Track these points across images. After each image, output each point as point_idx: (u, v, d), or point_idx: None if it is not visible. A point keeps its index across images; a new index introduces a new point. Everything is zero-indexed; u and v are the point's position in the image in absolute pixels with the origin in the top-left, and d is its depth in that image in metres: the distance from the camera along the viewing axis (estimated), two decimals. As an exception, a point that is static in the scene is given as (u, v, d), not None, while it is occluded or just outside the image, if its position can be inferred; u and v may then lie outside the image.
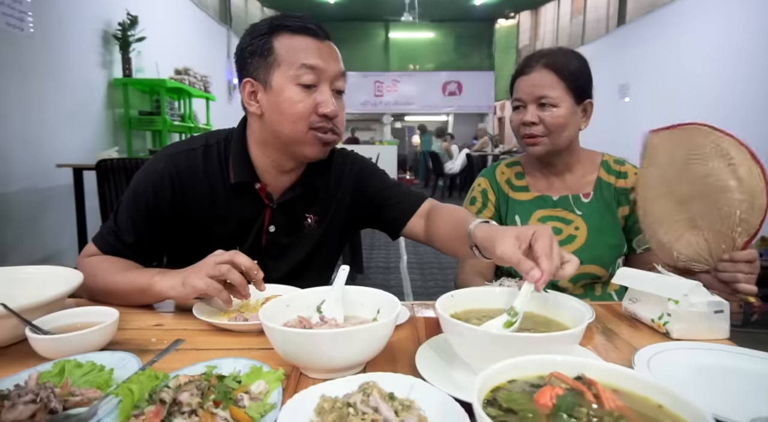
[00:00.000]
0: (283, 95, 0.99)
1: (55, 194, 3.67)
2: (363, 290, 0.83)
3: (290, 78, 0.98)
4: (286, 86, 0.98)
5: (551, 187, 1.35)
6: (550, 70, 1.21)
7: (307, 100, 0.99)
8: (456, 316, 0.71)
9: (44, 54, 3.59)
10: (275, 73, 0.99)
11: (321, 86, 1.00)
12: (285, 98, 0.98)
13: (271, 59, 0.99)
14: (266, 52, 0.99)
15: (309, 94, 0.99)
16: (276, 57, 0.99)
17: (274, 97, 1.00)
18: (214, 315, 0.91)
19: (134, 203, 1.06)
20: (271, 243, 1.12)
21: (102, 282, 0.98)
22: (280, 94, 0.99)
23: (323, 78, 1.00)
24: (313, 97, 0.99)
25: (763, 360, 0.72)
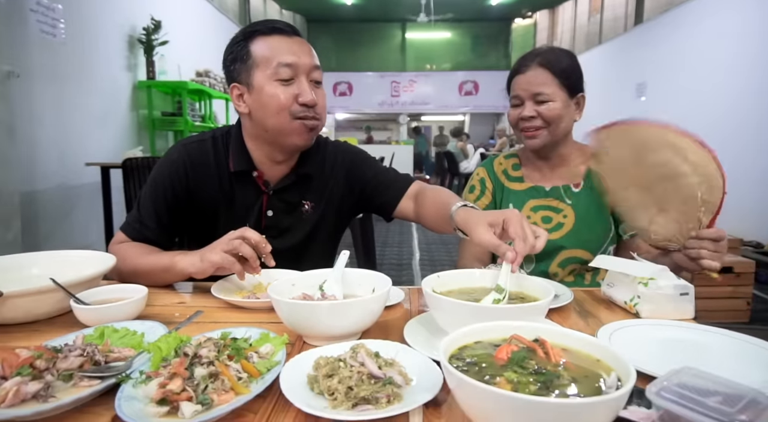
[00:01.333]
0: (264, 92, 1.11)
1: (84, 192, 3.86)
2: (361, 272, 0.93)
3: (269, 76, 1.11)
4: (267, 84, 1.11)
5: (544, 178, 1.43)
6: (545, 68, 1.30)
7: (286, 93, 1.11)
8: (444, 293, 0.81)
9: (75, 59, 3.79)
10: (255, 74, 1.11)
11: (298, 79, 1.12)
12: (266, 94, 1.11)
13: (250, 63, 1.12)
14: (245, 56, 1.12)
15: (288, 87, 1.11)
16: (254, 60, 1.11)
17: (257, 96, 1.13)
18: (230, 294, 1.03)
19: (154, 190, 1.19)
20: (270, 226, 1.24)
21: (131, 265, 1.11)
22: (262, 92, 1.12)
23: (299, 72, 1.12)
24: (291, 89, 1.11)
25: (718, 335, 0.80)
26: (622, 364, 0.53)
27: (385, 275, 0.90)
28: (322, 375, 0.61)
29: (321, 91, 1.17)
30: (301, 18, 12.97)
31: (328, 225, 1.32)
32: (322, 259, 1.34)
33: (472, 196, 1.48)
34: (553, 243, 1.34)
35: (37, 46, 3.36)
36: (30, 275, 1.00)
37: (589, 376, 0.54)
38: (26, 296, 0.84)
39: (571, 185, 1.40)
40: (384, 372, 0.62)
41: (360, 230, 3.89)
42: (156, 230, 1.19)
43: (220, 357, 0.64)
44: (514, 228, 0.84)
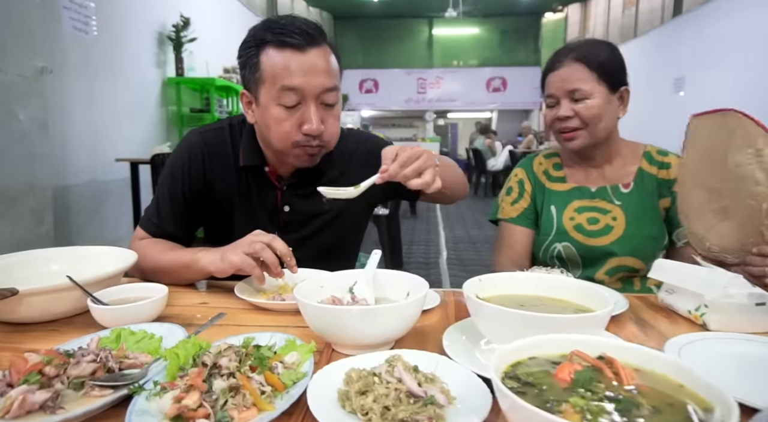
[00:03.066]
0: (268, 113, 1.03)
1: (113, 187, 3.92)
2: (393, 273, 0.86)
3: (273, 98, 1.01)
4: (270, 105, 1.02)
5: (589, 178, 1.33)
6: (580, 62, 1.20)
7: (290, 120, 1.02)
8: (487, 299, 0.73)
9: (106, 55, 3.84)
10: (261, 89, 1.03)
11: (305, 103, 1.01)
12: (270, 116, 1.03)
13: (257, 76, 1.02)
14: (253, 67, 1.03)
15: (292, 113, 1.01)
16: (261, 74, 1.01)
17: (262, 113, 1.05)
18: (254, 295, 0.97)
19: (171, 181, 1.14)
20: (289, 222, 1.18)
21: (151, 262, 1.06)
22: (266, 112, 1.04)
23: (307, 96, 1.00)
24: (296, 116, 1.02)
25: (805, 354, 0.69)
26: (717, 394, 0.44)
27: (420, 278, 0.82)
28: (355, 392, 0.54)
29: (333, 114, 1.07)
30: (327, 15, 12.97)
31: (350, 215, 1.26)
32: (344, 252, 1.29)
33: (510, 198, 1.39)
34: (601, 249, 1.24)
35: (70, 42, 3.41)
36: (49, 271, 0.96)
37: (674, 405, 0.45)
38: (43, 294, 0.80)
39: (619, 185, 1.29)
40: (424, 389, 0.54)
41: (387, 228, 3.83)
42: (175, 225, 1.15)
43: (241, 368, 0.58)
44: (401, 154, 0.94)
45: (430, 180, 0.94)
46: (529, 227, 1.36)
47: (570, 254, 1.28)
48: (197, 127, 1.21)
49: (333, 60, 1.05)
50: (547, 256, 1.32)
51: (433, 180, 0.95)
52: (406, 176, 0.93)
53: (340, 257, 1.26)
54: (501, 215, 1.40)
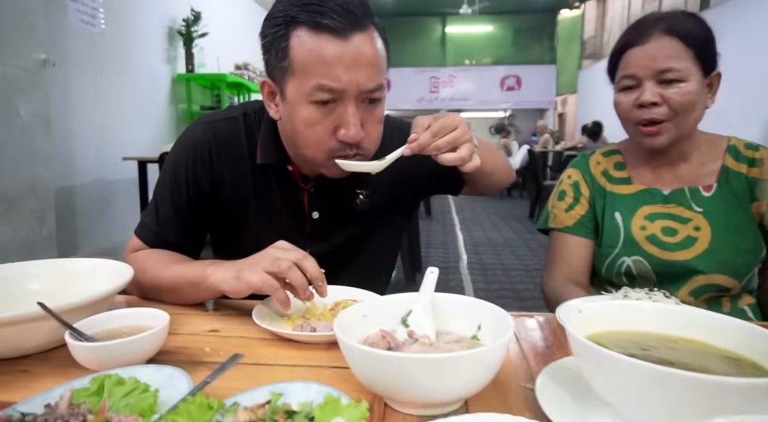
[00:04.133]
0: (296, 113, 0.83)
1: (121, 187, 3.77)
2: (458, 299, 0.67)
3: (304, 95, 0.81)
4: (299, 103, 0.82)
5: (660, 179, 1.13)
6: (674, 36, 0.99)
7: (324, 123, 0.82)
8: (593, 339, 0.54)
9: (114, 50, 3.69)
10: (290, 82, 0.82)
11: (343, 102, 0.81)
12: (299, 117, 0.83)
13: (285, 64, 0.81)
14: (281, 52, 0.81)
15: (327, 113, 0.82)
16: (291, 62, 0.80)
17: (289, 111, 0.85)
18: (277, 321, 0.79)
19: (174, 176, 0.96)
20: (318, 230, 1.00)
21: (151, 277, 0.89)
22: (295, 111, 0.83)
23: (347, 95, 0.80)
24: (332, 117, 0.82)
25: None
26: None
27: (492, 305, 0.64)
28: None
29: (376, 114, 0.87)
30: (339, 13, 12.76)
31: (388, 217, 1.08)
32: (379, 267, 1.12)
33: (563, 204, 1.19)
34: (683, 265, 1.04)
35: (76, 35, 3.26)
36: (26, 291, 0.78)
37: None
38: (11, 325, 0.63)
39: (699, 188, 1.08)
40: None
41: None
42: (178, 232, 0.96)
43: (270, 454, 0.39)
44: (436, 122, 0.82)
45: (467, 155, 0.81)
46: (587, 237, 1.16)
47: (642, 271, 1.08)
48: (204, 115, 1.02)
49: (381, 47, 0.84)
50: (612, 272, 1.12)
51: (470, 157, 0.81)
52: (439, 147, 0.80)
53: (374, 272, 1.08)
54: (553, 224, 1.20)
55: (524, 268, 4.11)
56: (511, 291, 3.46)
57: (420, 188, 1.11)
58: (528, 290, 3.50)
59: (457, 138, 0.80)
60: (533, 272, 3.98)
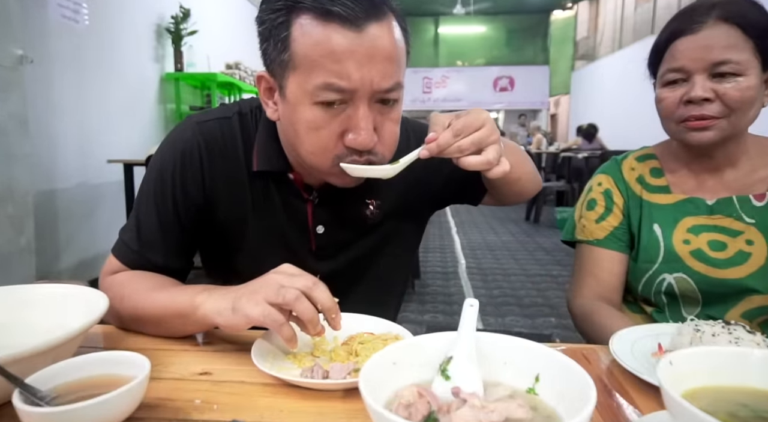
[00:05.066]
0: (298, 114, 0.71)
1: (106, 191, 3.61)
2: (507, 341, 0.54)
3: (307, 94, 0.69)
4: (301, 103, 0.70)
5: (703, 186, 1.01)
6: (732, 24, 0.87)
7: (330, 126, 0.70)
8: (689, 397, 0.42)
9: (98, 47, 3.54)
10: (290, 78, 0.70)
11: (353, 102, 0.69)
12: (300, 118, 0.71)
13: (286, 57, 0.69)
14: (281, 43, 0.69)
15: (334, 115, 0.70)
16: (292, 55, 0.68)
17: (289, 111, 0.72)
18: (281, 361, 0.66)
19: (159, 185, 0.82)
20: (324, 246, 0.88)
21: (131, 306, 0.75)
22: (296, 112, 0.71)
23: (358, 94, 0.68)
24: (339, 119, 0.70)
25: None
26: None
27: (550, 350, 0.51)
28: None
29: (392, 116, 0.74)
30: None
31: (401, 230, 0.95)
32: (391, 289, 1.00)
33: (593, 214, 1.07)
34: (735, 284, 0.92)
35: (57, 31, 3.10)
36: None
37: None
38: (-55, 379, 0.49)
39: (750, 197, 0.96)
40: None
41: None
42: (165, 252, 0.83)
43: None
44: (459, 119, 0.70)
45: (494, 159, 0.69)
46: (621, 251, 1.04)
47: (686, 289, 0.97)
48: (193, 114, 0.88)
49: (400, 38, 0.71)
50: (650, 290, 1.00)
51: (498, 160, 0.70)
52: (462, 149, 0.68)
53: (385, 292, 0.96)
54: (582, 236, 1.08)
55: (524, 273, 4.01)
56: (512, 298, 3.35)
57: (436, 197, 0.98)
58: (530, 296, 3.39)
59: (483, 139, 0.69)
60: (534, 277, 3.88)
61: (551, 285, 3.66)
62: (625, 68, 9.79)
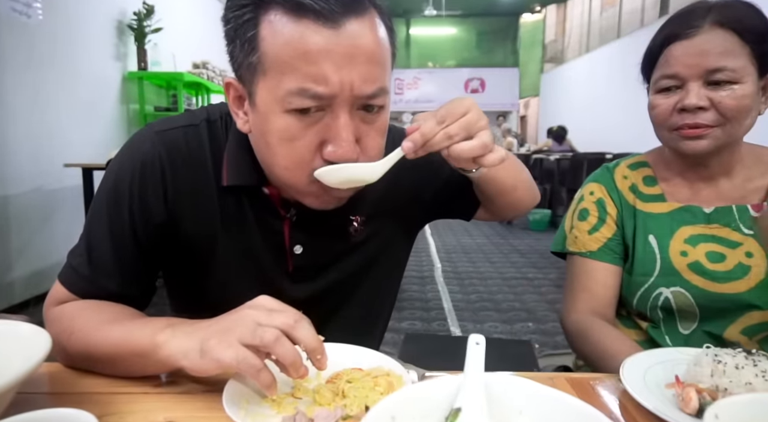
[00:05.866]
0: (269, 124, 0.62)
1: (64, 196, 3.41)
2: (519, 385, 0.48)
3: (278, 101, 0.60)
4: (273, 111, 0.61)
5: (698, 195, 0.98)
6: (728, 29, 0.83)
7: (306, 137, 0.62)
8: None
9: (54, 44, 3.33)
10: (260, 83, 0.61)
11: (334, 108, 0.61)
12: (273, 129, 0.62)
13: (254, 59, 0.60)
14: (248, 44, 0.60)
15: (310, 123, 0.61)
16: (261, 57, 0.60)
17: (260, 121, 0.63)
18: (257, 407, 0.57)
19: (114, 202, 0.71)
20: (302, 267, 0.79)
21: (81, 342, 0.65)
22: (267, 121, 0.62)
23: (338, 101, 0.60)
24: (316, 128, 0.62)
25: None
26: None
27: (566, 396, 0.45)
28: None
29: (377, 126, 0.66)
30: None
31: (387, 249, 0.87)
32: (377, 315, 0.91)
33: (585, 225, 1.01)
34: (734, 299, 0.89)
35: (7, 26, 2.90)
36: None
37: None
38: None
39: (748, 207, 0.93)
40: None
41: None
42: (121, 277, 0.72)
43: None
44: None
45: (489, 143, 0.63)
46: (615, 263, 0.99)
47: (684, 304, 0.92)
48: (154, 121, 0.78)
49: (384, 37, 0.63)
50: (646, 304, 0.96)
51: (492, 146, 0.64)
52: (450, 134, 0.62)
53: (370, 317, 0.89)
54: (573, 248, 1.03)
55: (500, 276, 4.00)
56: (490, 302, 3.33)
57: (425, 211, 0.91)
58: (507, 300, 3.37)
59: (471, 123, 0.63)
60: (510, 280, 3.88)
61: (527, 289, 3.65)
62: (592, 71, 10.00)
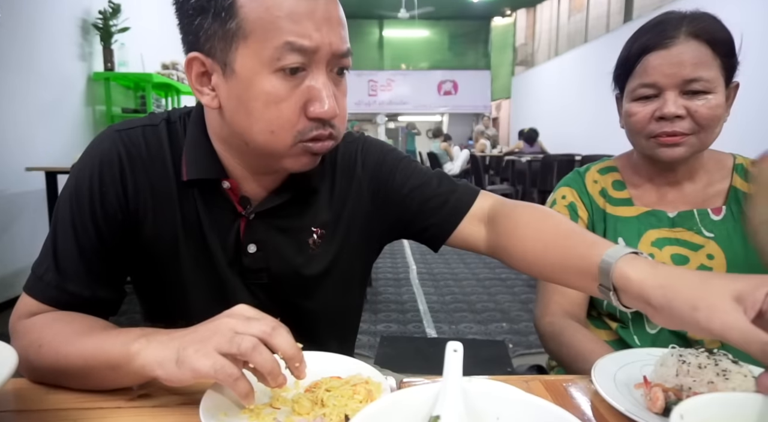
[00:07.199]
0: (254, 88, 0.63)
1: (26, 201, 3.28)
2: (498, 391, 0.49)
3: (265, 61, 0.62)
4: (259, 74, 0.63)
5: (663, 199, 1.02)
6: (702, 41, 0.87)
7: (292, 97, 0.64)
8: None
9: (14, 43, 3.21)
10: (240, 50, 0.63)
11: (313, 69, 0.64)
12: (259, 93, 0.63)
13: (232, 26, 0.62)
14: (223, 11, 0.62)
15: (295, 85, 0.64)
16: (241, 23, 0.61)
17: (240, 89, 0.64)
18: (235, 418, 0.57)
19: (76, 203, 0.71)
20: (254, 269, 0.78)
21: (51, 355, 0.63)
22: (250, 87, 0.64)
23: (319, 59, 0.64)
24: (300, 90, 0.64)
25: None
26: None
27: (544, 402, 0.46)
28: None
29: (343, 89, 0.70)
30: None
31: (347, 264, 0.85)
32: (343, 323, 0.91)
33: None
34: None
35: (-37, 25, 2.77)
36: None
37: None
38: None
39: (708, 211, 0.98)
40: None
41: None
42: (89, 280, 0.71)
43: None
44: None
45: None
46: None
47: None
48: (116, 123, 0.78)
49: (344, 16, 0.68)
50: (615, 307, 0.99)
51: None
52: None
53: (336, 329, 0.88)
54: None
55: (475, 277, 4.04)
56: (464, 303, 3.36)
57: (388, 237, 0.89)
58: (481, 301, 3.42)
59: None
60: (484, 281, 3.93)
61: (501, 289, 3.71)
62: (561, 75, 10.24)
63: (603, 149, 1.20)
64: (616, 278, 0.57)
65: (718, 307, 0.47)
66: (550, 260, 0.70)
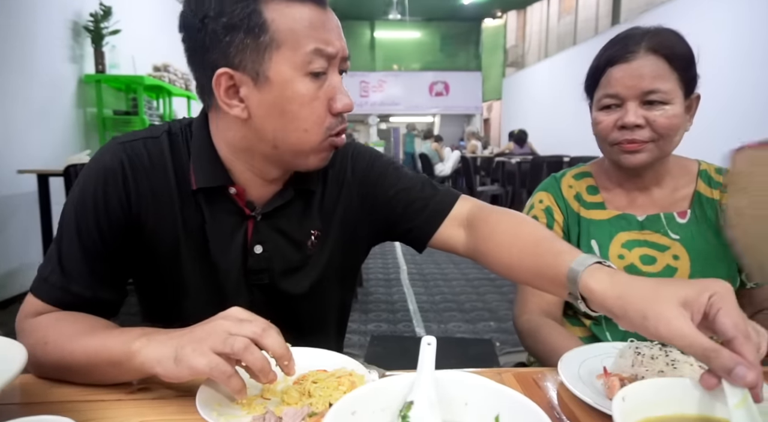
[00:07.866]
0: (291, 92, 0.71)
1: (18, 203, 3.29)
2: (467, 380, 0.54)
3: (298, 67, 0.71)
4: (294, 78, 0.71)
5: (633, 203, 1.08)
6: (659, 55, 0.94)
7: (320, 96, 0.74)
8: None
9: (5, 46, 3.21)
10: (274, 58, 0.70)
11: (330, 71, 0.75)
12: (292, 96, 0.71)
13: (265, 38, 0.69)
14: (256, 27, 0.69)
15: (320, 85, 0.74)
16: (274, 35, 0.69)
17: (275, 95, 0.71)
18: (229, 409, 0.62)
19: (82, 211, 0.76)
20: (258, 270, 0.83)
21: (56, 352, 0.68)
22: (286, 90, 0.71)
23: (335, 61, 0.75)
24: (323, 90, 0.74)
25: None
26: None
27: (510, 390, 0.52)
28: None
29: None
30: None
31: (339, 264, 0.91)
32: (335, 319, 0.96)
33: None
34: None
35: (-46, 28, 2.78)
36: None
37: None
38: None
39: (674, 214, 1.04)
40: None
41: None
42: (93, 283, 0.76)
43: None
44: (731, 316, 0.50)
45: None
46: None
47: None
48: (120, 134, 0.83)
49: None
50: None
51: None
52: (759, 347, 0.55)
53: (327, 326, 0.93)
54: None
55: (464, 277, 4.11)
56: (454, 303, 3.42)
57: (375, 238, 0.95)
58: (470, 301, 3.48)
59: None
60: (473, 281, 3.99)
61: (489, 289, 3.77)
62: (551, 76, 10.36)
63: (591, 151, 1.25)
64: (581, 289, 0.62)
65: (665, 315, 0.52)
66: (524, 266, 0.74)
